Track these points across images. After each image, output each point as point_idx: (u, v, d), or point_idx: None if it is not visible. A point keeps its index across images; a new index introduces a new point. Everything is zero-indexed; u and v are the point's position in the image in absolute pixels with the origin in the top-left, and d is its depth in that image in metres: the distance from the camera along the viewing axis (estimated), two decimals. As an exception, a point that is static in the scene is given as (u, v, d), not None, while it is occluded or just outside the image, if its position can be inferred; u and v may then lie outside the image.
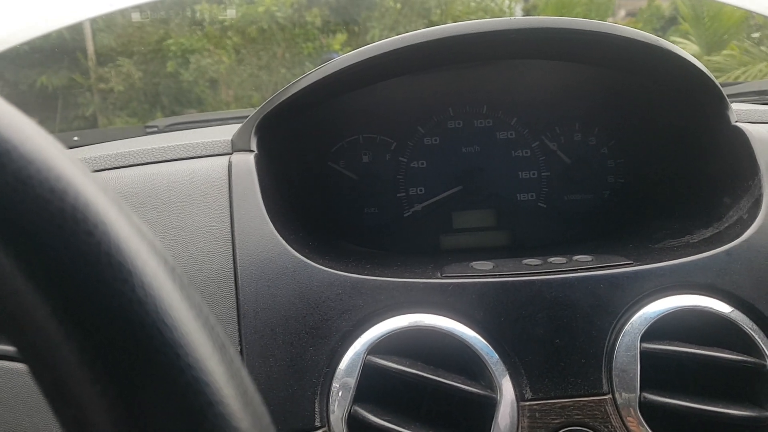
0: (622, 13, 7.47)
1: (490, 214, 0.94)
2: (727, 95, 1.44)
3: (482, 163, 0.94)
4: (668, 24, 7.11)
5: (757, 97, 1.43)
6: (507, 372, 0.61)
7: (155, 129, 1.35)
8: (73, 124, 6.83)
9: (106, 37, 7.16)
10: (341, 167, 0.92)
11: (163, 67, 6.82)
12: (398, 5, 6.67)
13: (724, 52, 6.25)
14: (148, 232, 0.29)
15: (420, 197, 0.94)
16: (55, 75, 6.66)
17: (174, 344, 0.26)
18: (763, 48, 6.07)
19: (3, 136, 0.25)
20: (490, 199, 0.94)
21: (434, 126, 0.93)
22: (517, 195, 0.95)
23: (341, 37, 6.66)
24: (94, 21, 6.57)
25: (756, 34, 6.13)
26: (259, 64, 6.56)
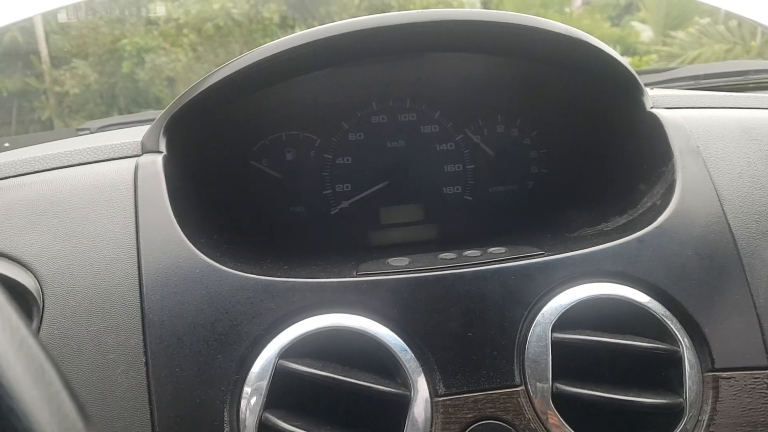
0: (578, 2, 7.54)
1: (417, 209, 0.94)
2: (664, 80, 1.46)
3: (408, 157, 0.93)
4: (624, 11, 7.20)
5: (692, 82, 1.45)
6: (421, 368, 0.61)
7: (87, 131, 1.32)
8: (30, 128, 6.68)
9: (59, 39, 7.02)
10: (264, 166, 0.91)
11: (118, 68, 6.71)
12: (357, 0, 6.63)
13: (689, 29, 6.36)
14: None
15: (346, 194, 0.92)
16: (8, 79, 6.50)
17: None
18: (719, 27, 6.17)
19: None
20: (418, 194, 0.93)
21: (358, 121, 0.92)
22: (443, 188, 0.94)
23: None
24: (46, 23, 6.43)
25: (707, 20, 6.24)
26: (217, 62, 6.47)
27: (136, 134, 0.78)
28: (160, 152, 0.72)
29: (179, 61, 6.57)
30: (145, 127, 0.76)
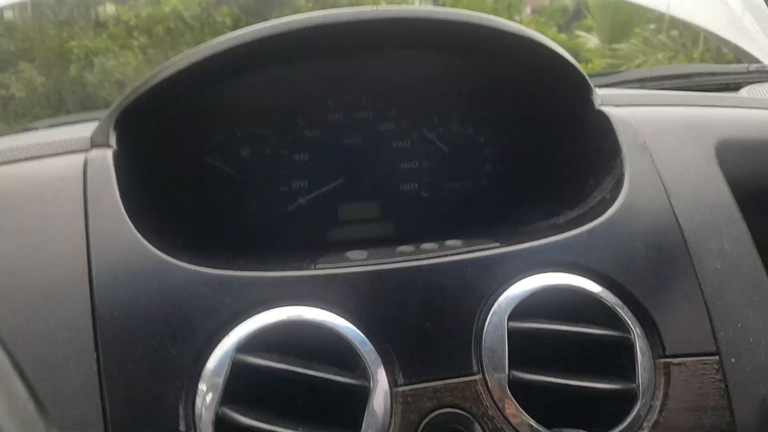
0: (527, 10, 7.70)
1: (374, 206, 0.94)
2: (612, 83, 1.50)
3: (364, 154, 0.93)
4: (572, 19, 7.39)
5: (639, 84, 1.49)
6: (380, 359, 0.61)
7: (34, 130, 1.28)
8: (-28, 132, 6.45)
9: (4, 41, 6.82)
10: (218, 162, 0.90)
11: (66, 71, 6.55)
12: (309, 4, 6.63)
13: (632, 41, 6.58)
14: None
15: (303, 191, 0.92)
16: (-48, 82, 6.31)
17: None
18: (661, 37, 6.41)
19: None
20: (375, 190, 0.94)
21: (314, 118, 0.92)
22: (400, 185, 0.95)
23: (254, 36, 6.54)
24: (-10, 25, 6.25)
25: (652, 26, 6.46)
26: (168, 65, 6.38)
27: (84, 130, 0.76)
28: (111, 147, 0.71)
29: (129, 63, 6.46)
30: (86, 125, 0.75)
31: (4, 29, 6.58)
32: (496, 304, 0.64)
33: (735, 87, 1.46)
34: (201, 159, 0.89)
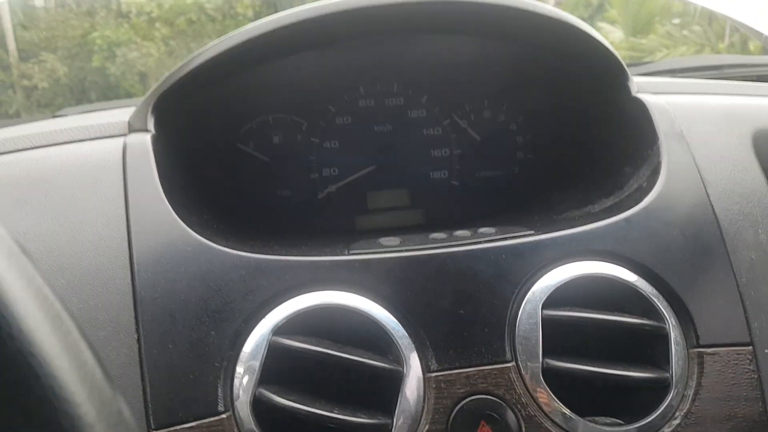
0: (551, 1, 7.64)
1: (404, 194, 0.94)
2: (642, 73, 1.48)
3: (395, 142, 0.93)
4: (596, 12, 7.32)
5: (669, 75, 1.47)
6: (414, 345, 0.61)
7: (64, 116, 1.29)
8: (-3, 122, 6.52)
9: (27, 32, 6.89)
10: (251, 149, 0.90)
11: (88, 62, 6.60)
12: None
13: (650, 36, 6.51)
14: None
15: (334, 178, 0.92)
16: (-25, 73, 6.38)
17: None
18: (684, 32, 6.33)
19: None
20: (404, 178, 0.94)
21: (345, 105, 0.92)
22: (430, 173, 0.95)
23: (275, 28, 6.54)
24: (14, 14, 6.31)
25: (677, 21, 6.37)
26: (190, 57, 6.41)
27: (119, 116, 0.77)
28: (149, 131, 0.71)
29: (151, 55, 6.50)
30: (125, 110, 0.76)
31: (26, 19, 6.65)
32: (530, 292, 0.64)
33: (767, 78, 1.44)
34: (234, 145, 0.90)
